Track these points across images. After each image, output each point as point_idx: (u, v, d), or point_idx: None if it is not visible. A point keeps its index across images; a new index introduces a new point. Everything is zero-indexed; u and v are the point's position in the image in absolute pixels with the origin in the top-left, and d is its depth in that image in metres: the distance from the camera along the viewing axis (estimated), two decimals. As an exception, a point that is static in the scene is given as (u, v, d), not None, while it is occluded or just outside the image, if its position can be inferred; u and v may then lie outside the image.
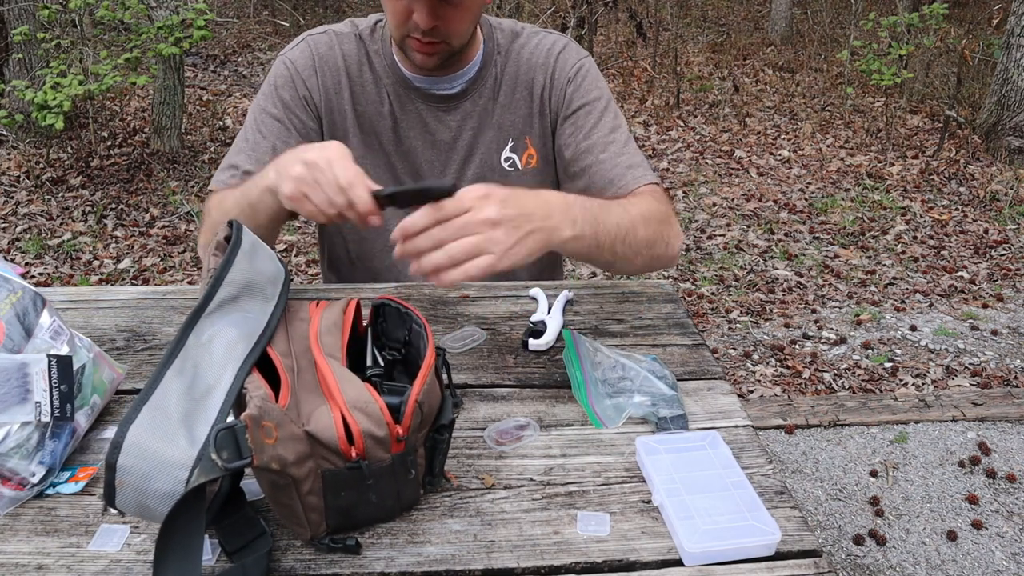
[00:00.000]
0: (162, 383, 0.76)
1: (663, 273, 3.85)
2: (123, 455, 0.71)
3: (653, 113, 6.12)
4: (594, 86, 1.35)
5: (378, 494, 0.80)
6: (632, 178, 1.28)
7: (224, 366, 0.79)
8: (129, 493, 0.72)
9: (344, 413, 0.77)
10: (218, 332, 0.81)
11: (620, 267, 1.20)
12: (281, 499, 0.78)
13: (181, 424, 0.74)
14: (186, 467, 0.72)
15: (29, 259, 3.82)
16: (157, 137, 5.00)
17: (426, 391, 0.81)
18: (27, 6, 4.93)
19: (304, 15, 8.32)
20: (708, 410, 1.04)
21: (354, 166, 1.00)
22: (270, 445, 0.72)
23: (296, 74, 1.33)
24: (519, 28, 1.39)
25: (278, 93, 1.33)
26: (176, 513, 0.69)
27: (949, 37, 7.00)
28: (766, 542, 0.81)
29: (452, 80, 1.35)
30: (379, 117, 1.36)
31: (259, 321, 0.84)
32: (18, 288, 0.92)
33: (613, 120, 1.33)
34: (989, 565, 2.14)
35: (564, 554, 0.81)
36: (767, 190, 4.83)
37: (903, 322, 3.42)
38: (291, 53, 1.35)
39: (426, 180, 1.38)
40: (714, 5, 9.83)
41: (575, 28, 5.49)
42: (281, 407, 0.75)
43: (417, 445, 0.83)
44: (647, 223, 1.17)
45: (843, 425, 2.68)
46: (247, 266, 0.86)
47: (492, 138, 1.38)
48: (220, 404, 0.77)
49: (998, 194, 4.73)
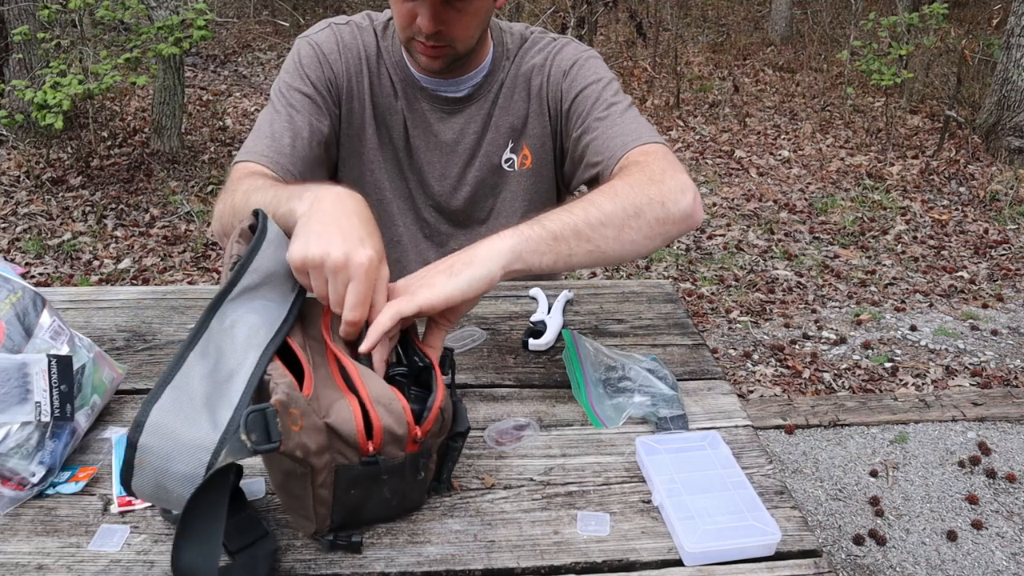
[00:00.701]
0: (185, 364, 0.75)
1: (663, 273, 3.85)
2: (145, 434, 0.71)
3: (653, 113, 6.12)
4: (591, 72, 1.31)
5: (387, 492, 0.81)
6: (620, 143, 1.20)
7: (246, 351, 0.79)
8: (148, 474, 0.71)
9: (367, 406, 0.77)
10: (240, 317, 0.81)
11: (615, 251, 1.03)
12: (294, 489, 0.78)
13: (204, 406, 0.74)
14: (208, 450, 0.72)
15: (29, 259, 3.82)
16: (157, 137, 4.99)
17: (447, 398, 0.82)
18: (27, 6, 4.93)
19: (304, 15, 8.31)
20: (708, 410, 1.04)
21: (371, 284, 0.87)
22: (296, 432, 0.72)
23: (322, 55, 1.31)
24: (528, 33, 1.38)
25: (305, 71, 1.30)
26: (200, 495, 0.69)
27: (949, 37, 7.00)
28: (766, 542, 0.81)
29: (459, 84, 1.34)
30: (392, 112, 1.36)
31: (280, 311, 0.84)
32: (18, 288, 0.92)
33: (611, 98, 1.28)
34: (989, 565, 2.14)
35: (564, 554, 0.81)
36: (767, 190, 4.82)
37: (903, 322, 3.42)
38: (316, 36, 1.33)
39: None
40: (714, 5, 9.83)
41: (575, 28, 5.49)
42: (305, 396, 0.76)
43: (432, 450, 0.83)
44: (616, 193, 1.04)
45: (843, 425, 2.68)
46: (272, 254, 0.86)
47: (492, 139, 1.38)
48: (243, 389, 0.76)
49: (998, 194, 4.73)
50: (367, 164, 1.38)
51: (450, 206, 1.42)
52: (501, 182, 1.41)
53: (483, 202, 1.42)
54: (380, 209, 1.42)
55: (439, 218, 1.44)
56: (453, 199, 1.41)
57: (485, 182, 1.40)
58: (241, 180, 1.14)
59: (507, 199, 1.42)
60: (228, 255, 0.86)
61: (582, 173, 1.30)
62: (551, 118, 1.36)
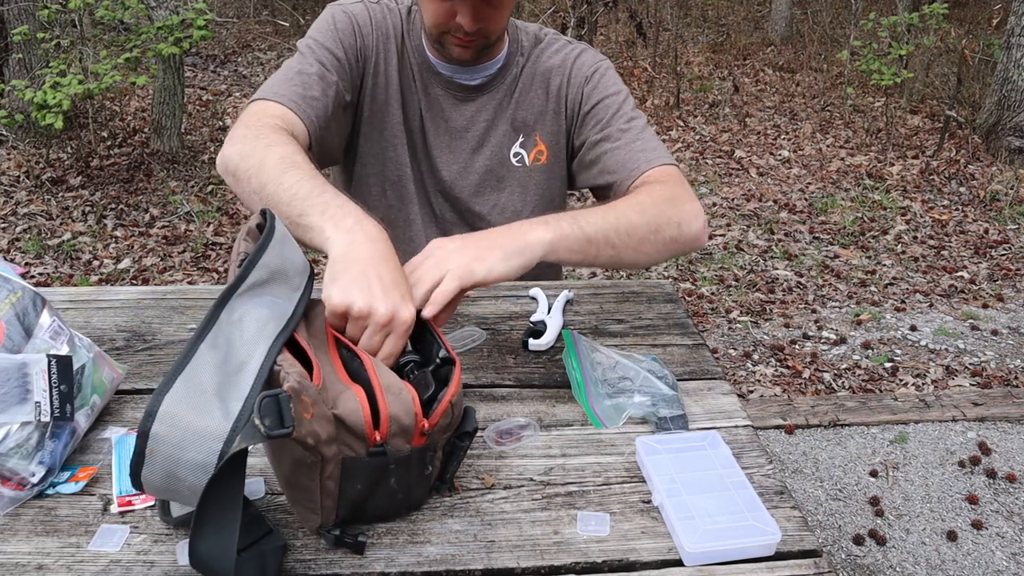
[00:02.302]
0: (196, 355, 0.76)
1: (663, 273, 3.85)
2: (157, 423, 0.71)
3: (653, 113, 6.12)
4: (612, 83, 1.37)
5: (392, 484, 0.81)
6: (643, 160, 1.27)
7: (256, 343, 0.79)
8: (159, 463, 0.71)
9: (377, 393, 0.78)
10: (248, 311, 0.81)
11: (631, 259, 1.13)
12: (302, 480, 0.78)
13: (215, 396, 0.74)
14: (220, 439, 0.72)
15: (29, 259, 3.82)
16: (157, 137, 4.99)
17: (459, 394, 0.83)
18: (27, 6, 4.93)
19: (304, 15, 8.31)
20: (708, 410, 1.04)
21: (406, 338, 0.90)
22: (308, 420, 0.73)
23: (357, 26, 1.32)
24: (542, 34, 1.43)
25: (340, 35, 1.30)
26: (215, 483, 0.69)
27: (949, 37, 7.00)
28: (766, 542, 0.81)
29: (474, 72, 1.37)
30: (411, 93, 1.38)
31: (287, 306, 0.85)
32: (18, 288, 0.92)
33: (631, 112, 1.35)
34: (989, 565, 2.14)
35: (564, 554, 0.81)
36: (767, 190, 4.82)
37: (903, 322, 3.42)
38: (351, 7, 1.33)
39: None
40: (714, 5, 9.83)
41: (575, 28, 5.49)
42: (316, 386, 0.76)
43: (438, 445, 0.83)
44: (643, 209, 1.14)
45: (843, 425, 2.68)
46: (279, 253, 0.86)
47: (504, 132, 1.41)
48: (253, 379, 0.77)
49: (998, 194, 4.73)
50: (389, 140, 1.40)
51: (455, 193, 1.44)
52: (507, 176, 1.43)
53: (488, 194, 1.44)
54: (400, 186, 1.44)
55: (445, 205, 1.46)
56: (459, 186, 1.43)
57: (492, 172, 1.42)
58: (270, 131, 1.11)
59: (513, 195, 1.44)
60: (235, 252, 0.87)
61: (594, 177, 1.35)
62: (567, 118, 1.40)
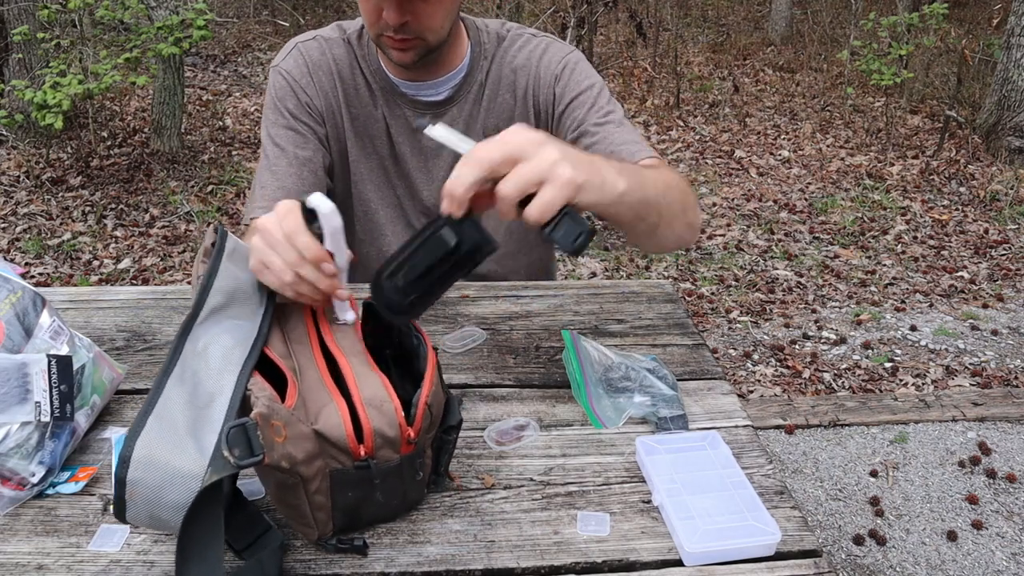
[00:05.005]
0: (164, 392, 0.76)
1: (663, 273, 3.85)
2: (132, 469, 0.71)
3: (653, 113, 6.12)
4: (583, 76, 1.32)
5: (384, 494, 0.80)
6: (627, 154, 1.22)
7: (222, 373, 0.79)
8: (140, 506, 0.72)
9: (358, 409, 0.77)
10: (213, 339, 0.81)
11: (663, 234, 1.06)
12: (288, 499, 0.77)
13: (188, 434, 0.74)
14: (197, 477, 0.72)
15: (29, 259, 3.82)
16: (157, 137, 4.99)
17: (433, 392, 0.81)
18: (27, 6, 4.93)
19: (304, 15, 8.31)
20: (708, 410, 1.04)
21: (300, 219, 0.85)
22: (280, 443, 0.72)
23: (294, 82, 1.32)
24: (504, 31, 1.37)
25: (281, 105, 1.32)
26: (193, 515, 0.69)
27: (949, 37, 6.99)
28: (766, 542, 0.81)
29: (438, 86, 1.33)
30: (372, 120, 1.35)
31: (251, 327, 0.84)
32: (18, 288, 0.92)
33: (608, 104, 1.30)
34: (989, 565, 2.14)
35: (564, 554, 0.81)
36: (767, 190, 4.82)
37: (903, 322, 3.41)
38: (284, 63, 1.34)
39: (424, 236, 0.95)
40: (714, 5, 9.83)
41: (575, 28, 5.49)
42: (288, 407, 0.75)
43: (425, 447, 0.83)
44: (669, 188, 1.06)
45: (843, 425, 2.68)
46: (232, 272, 0.86)
47: (476, 141, 1.37)
48: (224, 413, 0.76)
49: (998, 194, 4.73)
50: (352, 177, 1.38)
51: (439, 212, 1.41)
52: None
53: None
54: (367, 221, 1.42)
55: None
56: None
57: None
58: None
59: None
60: (195, 275, 0.86)
61: None
62: (542, 121, 1.35)
